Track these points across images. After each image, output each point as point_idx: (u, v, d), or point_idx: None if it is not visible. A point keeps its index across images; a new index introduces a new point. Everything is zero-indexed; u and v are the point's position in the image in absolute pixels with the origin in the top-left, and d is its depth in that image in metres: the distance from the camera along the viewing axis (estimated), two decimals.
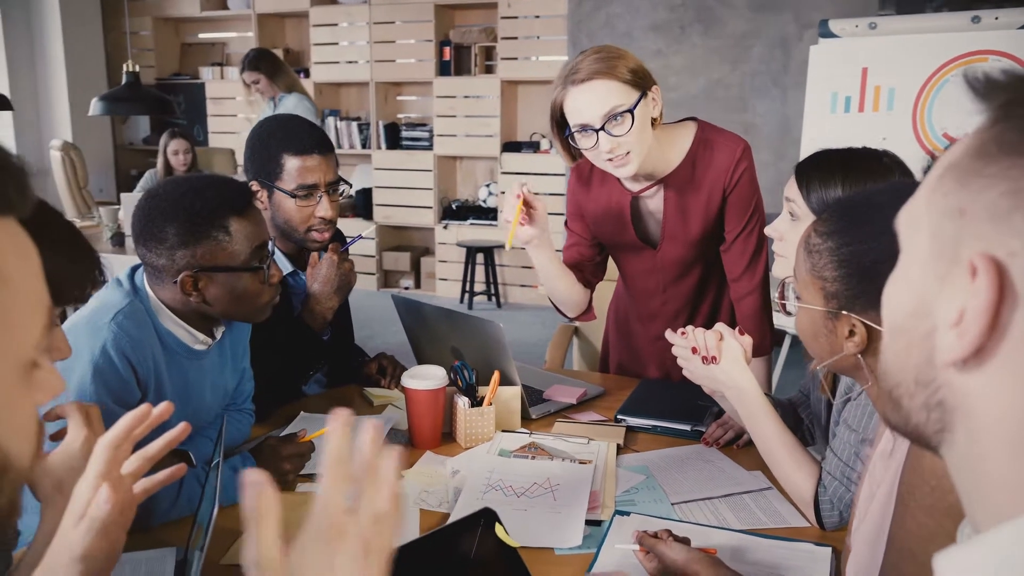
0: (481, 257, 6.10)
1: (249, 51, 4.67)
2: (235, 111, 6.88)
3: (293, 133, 1.77)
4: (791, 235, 1.41)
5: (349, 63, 6.53)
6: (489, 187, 6.43)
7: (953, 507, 0.78)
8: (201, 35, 7.47)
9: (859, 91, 3.46)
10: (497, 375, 1.64)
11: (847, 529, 1.11)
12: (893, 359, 0.51)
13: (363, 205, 6.57)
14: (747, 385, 1.36)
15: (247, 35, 6.95)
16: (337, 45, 6.52)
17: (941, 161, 0.49)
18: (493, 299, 6.20)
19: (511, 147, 6.19)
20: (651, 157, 1.70)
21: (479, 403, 1.62)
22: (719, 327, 1.40)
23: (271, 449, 1.41)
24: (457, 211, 6.40)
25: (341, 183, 1.83)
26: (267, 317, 1.50)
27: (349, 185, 1.86)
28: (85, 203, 5.93)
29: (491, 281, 6.15)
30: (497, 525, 1.02)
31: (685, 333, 1.40)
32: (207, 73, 7.10)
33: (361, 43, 6.43)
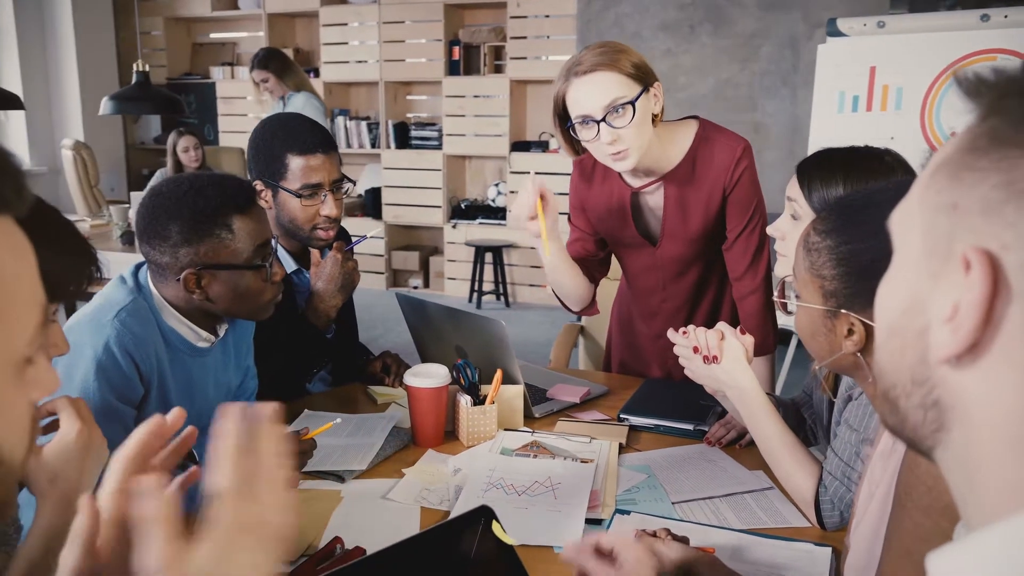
0: (490, 256, 6.10)
1: (259, 50, 4.69)
2: (246, 111, 6.90)
3: (296, 132, 1.77)
4: (793, 235, 1.41)
5: (359, 63, 6.54)
6: (498, 186, 6.42)
7: (949, 507, 0.77)
8: (212, 35, 7.51)
9: (867, 90, 3.43)
10: (500, 374, 1.65)
11: (847, 529, 1.11)
12: (888, 359, 0.51)
13: (372, 204, 6.58)
14: (748, 385, 1.35)
15: (258, 35, 6.97)
16: (347, 45, 6.53)
17: (934, 159, 0.49)
18: (502, 298, 6.20)
19: (520, 146, 6.19)
20: (651, 153, 1.70)
21: (482, 401, 1.62)
22: (721, 326, 1.39)
23: None
24: (466, 210, 6.40)
25: (345, 181, 1.83)
26: (270, 315, 1.51)
27: (352, 183, 1.86)
28: (96, 202, 5.97)
29: (500, 280, 6.15)
30: (494, 523, 1.02)
31: (687, 332, 1.40)
32: (218, 73, 7.12)
33: (371, 43, 6.44)
